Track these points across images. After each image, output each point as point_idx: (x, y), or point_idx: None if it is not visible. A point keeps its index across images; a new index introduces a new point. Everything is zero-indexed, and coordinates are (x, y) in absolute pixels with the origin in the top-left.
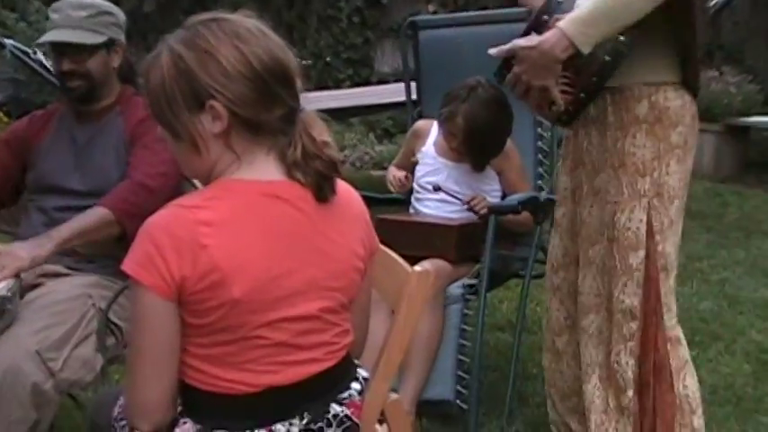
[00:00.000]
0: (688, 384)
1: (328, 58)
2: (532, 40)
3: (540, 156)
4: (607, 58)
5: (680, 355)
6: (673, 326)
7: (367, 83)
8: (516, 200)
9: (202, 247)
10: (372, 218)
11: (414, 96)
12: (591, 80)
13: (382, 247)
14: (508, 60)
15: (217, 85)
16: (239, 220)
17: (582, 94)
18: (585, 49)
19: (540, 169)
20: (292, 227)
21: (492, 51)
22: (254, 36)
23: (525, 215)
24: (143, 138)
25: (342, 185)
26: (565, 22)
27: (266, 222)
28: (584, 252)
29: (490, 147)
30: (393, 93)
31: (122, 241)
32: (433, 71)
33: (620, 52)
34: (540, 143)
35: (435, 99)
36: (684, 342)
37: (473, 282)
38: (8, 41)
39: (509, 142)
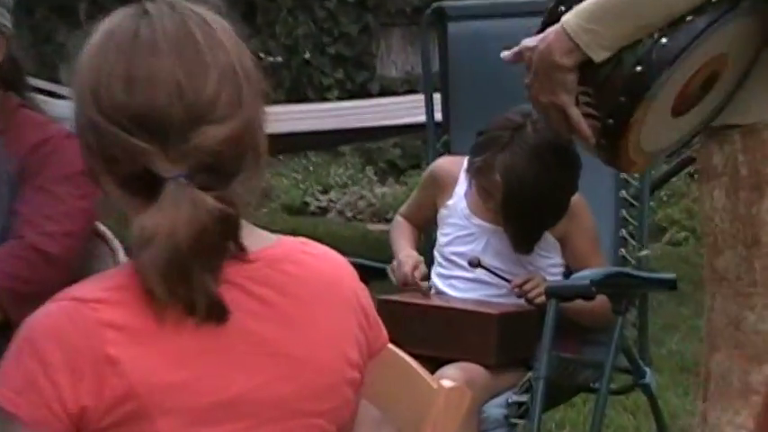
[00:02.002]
0: None
1: (307, 55)
2: (536, 38)
3: (624, 212)
4: (639, 68)
5: None
6: None
7: (364, 92)
8: (588, 278)
9: (111, 363)
10: (372, 299)
11: (437, 116)
12: (618, 100)
13: (390, 345)
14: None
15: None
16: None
17: (610, 121)
18: (596, 54)
19: (624, 231)
20: (245, 324)
21: (504, 55)
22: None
23: (601, 301)
24: (39, 175)
25: (324, 253)
26: (568, 15)
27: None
28: (706, 359)
29: (541, 217)
30: (404, 109)
31: (5, 332)
32: (467, 80)
33: (662, 60)
34: (624, 193)
35: (470, 122)
36: None
37: (522, 399)
38: None
39: (576, 195)
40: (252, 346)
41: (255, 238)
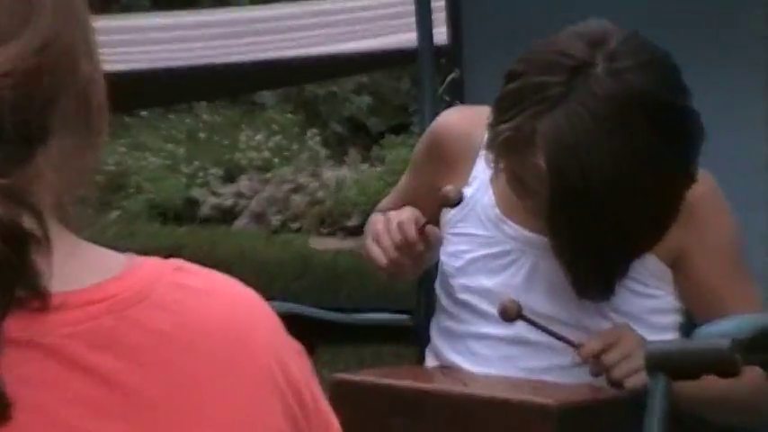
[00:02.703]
0: None
1: None
2: None
3: None
4: None
5: None
6: None
7: None
8: (729, 335)
9: None
10: (319, 376)
11: (439, 34)
12: None
13: None
14: None
15: None
16: None
17: None
18: None
19: None
20: (67, 421)
21: None
22: None
23: (751, 378)
24: None
25: (220, 287)
26: None
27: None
28: None
29: (623, 235)
30: (376, 21)
31: None
32: None
33: None
34: None
35: (499, 45)
36: None
37: None
38: None
39: (702, 184)
40: None
41: (88, 264)
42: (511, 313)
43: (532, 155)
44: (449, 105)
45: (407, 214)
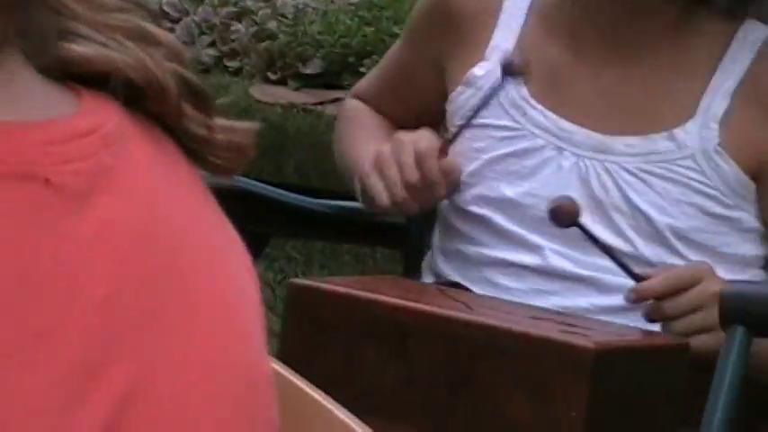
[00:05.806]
0: None
1: None
2: None
3: None
4: None
5: None
6: None
7: None
8: None
9: None
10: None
11: None
12: None
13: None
14: None
15: None
16: None
17: None
18: None
19: None
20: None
21: None
22: None
23: None
24: None
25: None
26: None
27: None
28: None
29: None
30: None
31: None
32: None
33: None
34: None
35: None
36: None
37: None
38: None
39: None
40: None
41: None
42: (566, 215)
43: None
44: None
45: (427, 142)
